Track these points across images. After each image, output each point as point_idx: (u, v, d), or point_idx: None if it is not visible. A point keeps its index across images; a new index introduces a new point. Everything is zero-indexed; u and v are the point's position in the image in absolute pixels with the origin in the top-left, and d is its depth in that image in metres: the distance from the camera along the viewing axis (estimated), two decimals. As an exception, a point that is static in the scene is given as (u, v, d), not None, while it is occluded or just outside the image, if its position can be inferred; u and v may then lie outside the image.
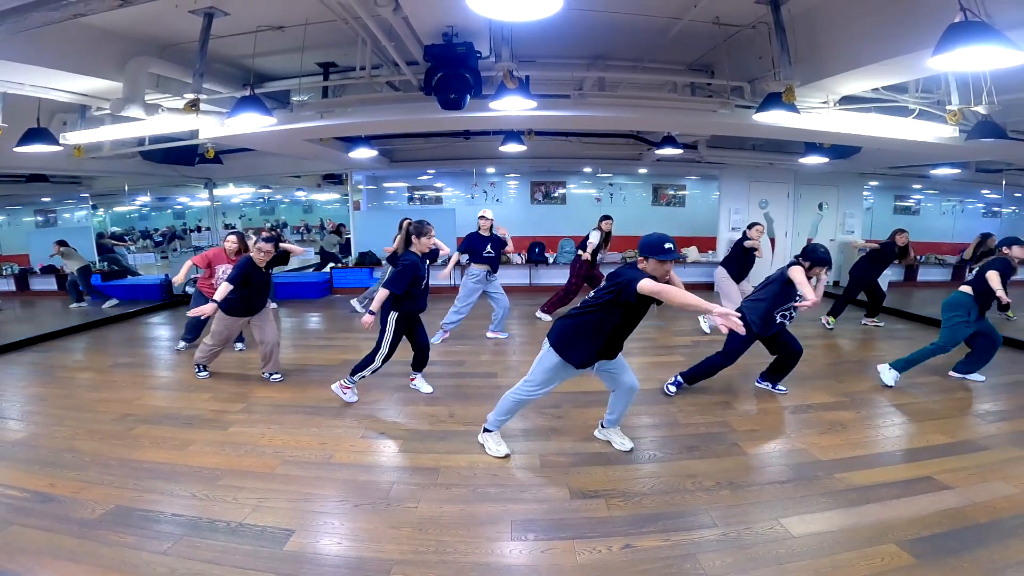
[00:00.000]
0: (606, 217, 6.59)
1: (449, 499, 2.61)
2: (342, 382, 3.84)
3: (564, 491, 2.66)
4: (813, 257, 3.66)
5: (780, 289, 3.71)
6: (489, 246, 5.55)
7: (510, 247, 5.82)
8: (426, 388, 4.05)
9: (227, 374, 4.56)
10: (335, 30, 4.03)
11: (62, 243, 8.05)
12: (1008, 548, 2.17)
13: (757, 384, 4.10)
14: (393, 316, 3.72)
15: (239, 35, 4.10)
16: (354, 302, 7.30)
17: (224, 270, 4.78)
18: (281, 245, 4.22)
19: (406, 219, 4.16)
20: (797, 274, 3.58)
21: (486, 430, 3.10)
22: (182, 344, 5.45)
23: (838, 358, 5.18)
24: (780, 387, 4.03)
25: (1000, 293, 3.91)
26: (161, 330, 6.77)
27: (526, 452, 3.08)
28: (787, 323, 3.84)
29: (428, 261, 3.87)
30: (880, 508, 2.46)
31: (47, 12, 2.65)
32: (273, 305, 7.55)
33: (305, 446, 3.19)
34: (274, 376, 4.35)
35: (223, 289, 3.87)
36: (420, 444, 3.22)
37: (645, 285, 2.45)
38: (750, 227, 5.85)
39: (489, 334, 5.72)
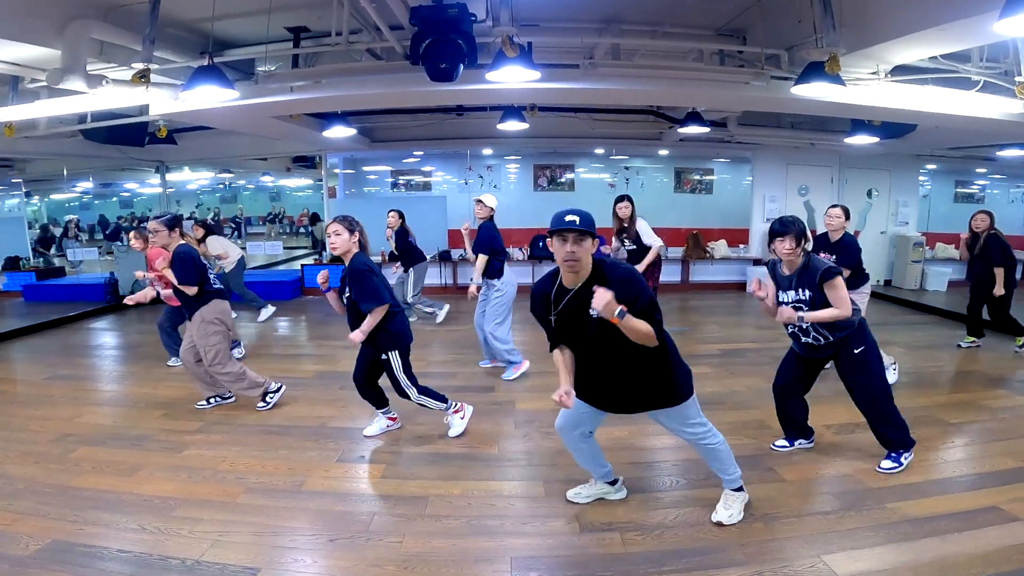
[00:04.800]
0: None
1: (439, 532, 2.61)
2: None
3: (572, 523, 2.66)
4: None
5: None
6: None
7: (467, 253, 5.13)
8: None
9: (181, 388, 4.56)
10: (307, -11, 4.03)
11: None
12: (1088, 589, 2.17)
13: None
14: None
15: (196, -5, 4.10)
16: (419, 306, 6.95)
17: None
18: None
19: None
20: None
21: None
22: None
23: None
24: (798, 441, 3.41)
25: None
26: (105, 337, 6.77)
27: (528, 478, 3.08)
28: (809, 340, 3.07)
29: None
30: (939, 543, 2.46)
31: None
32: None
33: (272, 471, 3.18)
34: (211, 399, 4.19)
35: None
36: (406, 469, 3.22)
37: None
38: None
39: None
